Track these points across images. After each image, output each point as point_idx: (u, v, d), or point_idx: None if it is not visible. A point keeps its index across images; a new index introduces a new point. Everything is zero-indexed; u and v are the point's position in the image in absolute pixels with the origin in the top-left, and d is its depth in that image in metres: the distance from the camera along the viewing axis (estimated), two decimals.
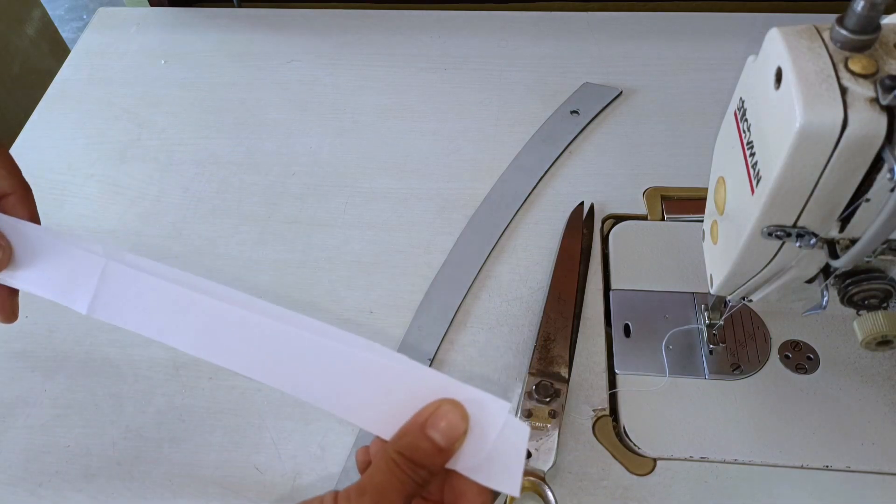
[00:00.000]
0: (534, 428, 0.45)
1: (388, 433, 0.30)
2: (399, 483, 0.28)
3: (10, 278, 0.35)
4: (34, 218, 0.37)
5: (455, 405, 0.29)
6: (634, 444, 0.46)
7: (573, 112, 0.67)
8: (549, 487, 0.43)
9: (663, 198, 0.59)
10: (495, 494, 0.29)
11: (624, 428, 0.47)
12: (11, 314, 0.37)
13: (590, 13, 0.76)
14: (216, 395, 0.50)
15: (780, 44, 0.30)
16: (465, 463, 0.29)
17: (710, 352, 0.50)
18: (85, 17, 1.91)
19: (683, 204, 0.59)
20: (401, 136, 0.67)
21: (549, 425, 0.46)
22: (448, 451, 0.28)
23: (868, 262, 0.35)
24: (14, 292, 0.37)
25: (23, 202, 0.36)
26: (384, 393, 0.30)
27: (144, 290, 0.33)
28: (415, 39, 0.75)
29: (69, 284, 0.34)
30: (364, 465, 0.32)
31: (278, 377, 0.31)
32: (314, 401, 0.31)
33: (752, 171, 0.33)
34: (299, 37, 0.76)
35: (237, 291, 0.32)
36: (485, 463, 0.29)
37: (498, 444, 0.29)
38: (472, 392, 0.29)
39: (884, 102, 0.28)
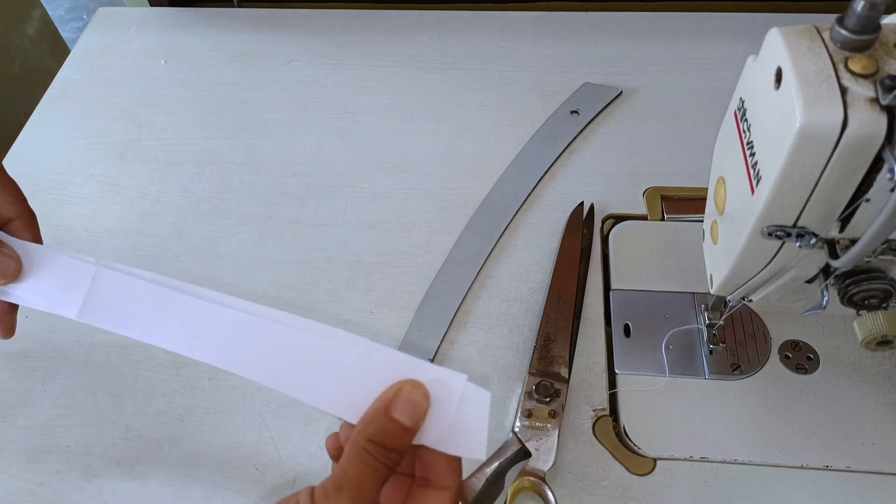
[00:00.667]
0: (534, 428, 0.45)
1: (354, 417, 0.31)
2: (373, 471, 0.28)
3: (13, 293, 0.37)
4: (37, 241, 0.38)
5: (415, 385, 0.30)
6: (634, 444, 0.46)
7: (573, 112, 0.67)
8: (549, 487, 0.43)
9: (663, 198, 0.59)
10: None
11: (624, 428, 0.47)
12: (10, 329, 0.39)
13: (590, 13, 0.76)
14: (216, 395, 0.50)
15: (780, 44, 0.30)
16: (430, 437, 0.30)
17: (710, 352, 0.50)
18: (85, 17, 1.91)
19: (683, 204, 0.59)
20: (401, 136, 0.67)
21: (549, 425, 0.46)
22: (413, 429, 0.29)
23: (868, 262, 0.35)
24: (13, 308, 0.39)
25: (27, 227, 0.38)
26: (348, 378, 0.31)
27: (130, 294, 0.35)
28: (415, 39, 0.75)
29: (62, 293, 0.36)
30: (334, 451, 0.32)
31: (250, 368, 0.33)
32: (284, 389, 0.32)
33: (752, 171, 0.33)
34: (299, 37, 0.76)
35: (217, 292, 0.34)
36: (448, 434, 0.30)
37: (459, 413, 0.30)
38: (430, 369, 0.31)
39: (884, 102, 0.28)
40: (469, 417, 0.30)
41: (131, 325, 0.34)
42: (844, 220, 0.32)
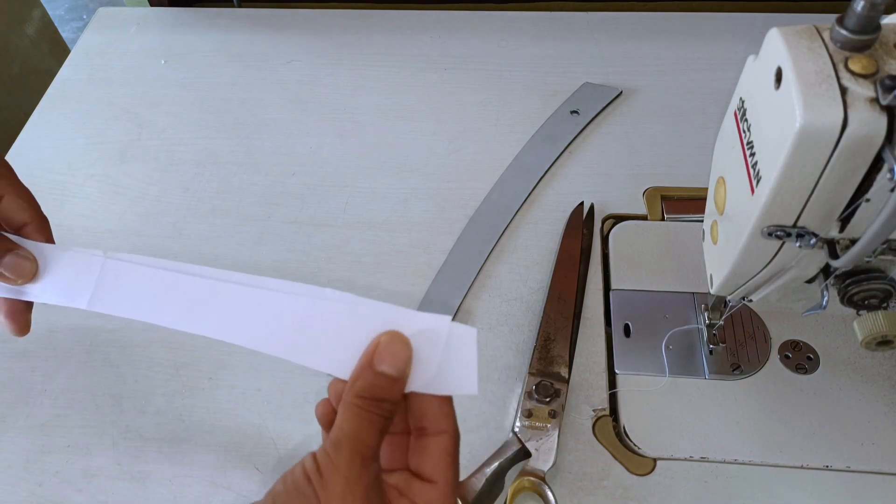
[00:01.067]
0: (534, 428, 0.45)
1: (345, 372, 0.31)
2: (368, 423, 0.29)
3: (29, 291, 0.38)
4: (49, 243, 0.40)
5: (394, 335, 0.30)
6: (634, 444, 0.46)
7: (573, 112, 0.67)
8: (549, 487, 0.43)
9: (663, 198, 0.59)
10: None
11: (624, 428, 0.47)
12: (26, 327, 0.40)
13: (590, 13, 0.76)
14: (216, 395, 0.50)
15: (780, 44, 0.30)
16: (419, 381, 0.31)
17: (710, 352, 0.50)
18: (85, 17, 1.90)
19: (683, 204, 0.59)
20: (401, 136, 0.67)
21: (549, 425, 0.46)
22: (401, 379, 0.30)
23: (868, 262, 0.35)
24: (29, 306, 0.40)
25: (40, 231, 0.40)
26: (335, 334, 0.32)
27: (135, 280, 0.36)
28: (415, 39, 0.75)
29: (73, 286, 0.37)
30: (325, 417, 0.32)
31: (243, 336, 0.33)
32: (278, 353, 0.33)
33: (752, 171, 0.33)
34: (299, 37, 0.76)
35: (212, 269, 0.35)
36: (437, 375, 0.30)
37: (447, 354, 0.30)
38: (413, 316, 0.31)
39: (884, 102, 0.28)
40: (457, 356, 0.31)
41: (136, 309, 0.36)
42: (844, 220, 0.32)
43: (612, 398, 0.49)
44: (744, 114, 0.35)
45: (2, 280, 0.37)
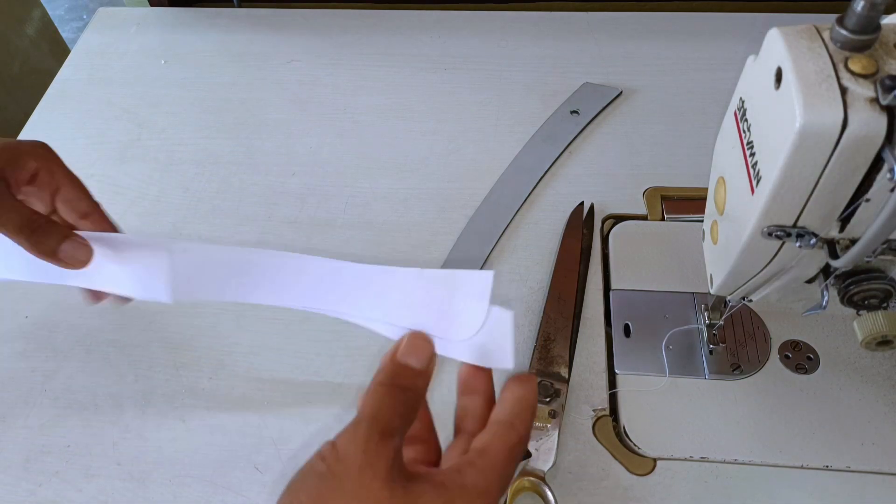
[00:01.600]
0: (534, 428, 0.45)
1: (395, 334, 0.33)
2: (389, 406, 0.29)
3: (98, 281, 0.40)
4: (114, 230, 0.42)
5: (416, 334, 0.32)
6: (634, 444, 0.46)
7: (573, 112, 0.67)
8: (549, 487, 0.43)
9: (663, 198, 0.59)
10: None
11: (624, 428, 0.47)
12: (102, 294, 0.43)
13: (590, 13, 0.76)
14: (216, 395, 0.50)
15: (780, 44, 0.30)
16: (458, 353, 0.33)
17: (710, 352, 0.50)
18: (85, 17, 1.90)
19: (683, 204, 0.59)
20: (401, 136, 0.67)
21: (549, 425, 0.46)
22: (425, 372, 0.31)
23: (868, 262, 0.35)
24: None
25: (103, 219, 0.42)
26: (408, 300, 0.34)
27: (213, 263, 0.38)
28: (415, 39, 0.75)
29: (148, 280, 0.38)
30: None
31: (322, 302, 0.37)
32: (344, 315, 0.36)
33: (752, 171, 0.33)
34: (299, 37, 0.76)
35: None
36: (477, 346, 0.33)
37: (487, 333, 0.33)
38: (449, 274, 0.34)
39: (884, 102, 0.28)
40: (495, 335, 0.33)
41: (223, 290, 0.37)
42: (844, 220, 0.32)
43: (612, 398, 0.49)
44: (744, 114, 0.35)
45: (63, 265, 0.39)
